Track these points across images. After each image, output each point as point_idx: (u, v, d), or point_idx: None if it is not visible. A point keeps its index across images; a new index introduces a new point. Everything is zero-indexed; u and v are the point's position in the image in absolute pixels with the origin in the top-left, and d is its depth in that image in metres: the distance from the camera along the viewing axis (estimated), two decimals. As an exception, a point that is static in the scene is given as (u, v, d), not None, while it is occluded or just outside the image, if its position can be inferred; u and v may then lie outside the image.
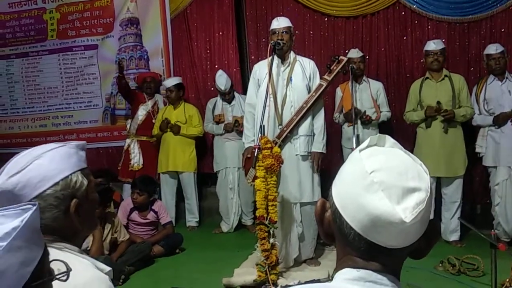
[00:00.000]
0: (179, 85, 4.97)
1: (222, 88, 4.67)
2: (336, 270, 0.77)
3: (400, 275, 0.77)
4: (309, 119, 3.50)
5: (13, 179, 1.04)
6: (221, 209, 4.88)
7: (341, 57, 3.61)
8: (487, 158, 4.05)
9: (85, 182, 1.14)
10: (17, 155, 1.11)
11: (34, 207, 0.80)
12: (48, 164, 1.07)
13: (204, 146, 5.16)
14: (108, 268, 1.12)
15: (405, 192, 0.70)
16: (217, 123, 4.80)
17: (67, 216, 1.10)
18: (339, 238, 0.77)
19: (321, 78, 3.55)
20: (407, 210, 0.69)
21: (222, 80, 4.66)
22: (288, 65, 3.53)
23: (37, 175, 1.06)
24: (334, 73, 3.52)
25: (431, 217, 0.76)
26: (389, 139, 0.79)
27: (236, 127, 4.66)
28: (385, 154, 0.76)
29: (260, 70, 3.58)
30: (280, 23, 3.53)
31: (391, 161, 0.74)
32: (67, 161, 1.11)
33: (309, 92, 3.51)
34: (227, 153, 4.77)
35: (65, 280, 0.88)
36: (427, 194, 0.71)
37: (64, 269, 0.89)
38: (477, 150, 4.12)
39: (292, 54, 3.57)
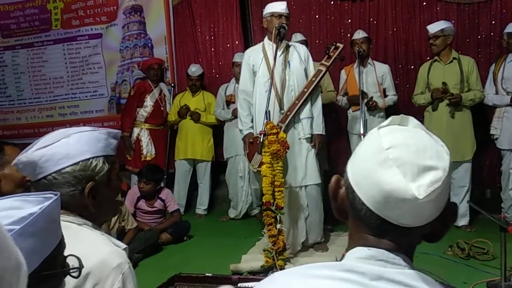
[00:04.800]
0: (202, 73, 4.98)
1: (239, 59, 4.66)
2: (348, 248, 0.76)
3: (413, 259, 0.74)
4: (309, 103, 3.51)
5: (39, 152, 1.11)
6: (231, 196, 4.87)
7: (338, 43, 3.62)
8: (503, 141, 3.95)
9: (106, 167, 1.17)
10: (54, 131, 1.18)
11: (55, 197, 0.80)
12: (73, 144, 1.13)
13: (217, 134, 5.13)
14: (124, 245, 1.17)
15: (421, 170, 0.68)
16: (228, 104, 4.76)
17: (83, 197, 1.15)
18: (352, 214, 0.76)
19: (320, 63, 3.55)
20: (421, 187, 0.67)
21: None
22: (284, 50, 3.51)
23: (61, 152, 1.12)
24: (332, 59, 3.54)
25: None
26: (412, 120, 0.76)
27: None
28: (404, 132, 0.73)
29: (253, 56, 3.56)
30: (284, 7, 3.49)
31: (409, 138, 0.72)
32: (93, 145, 1.15)
33: (306, 75, 3.52)
34: (237, 141, 4.73)
35: (77, 277, 0.90)
36: (445, 174, 0.69)
37: (77, 265, 0.89)
38: (492, 132, 4.01)
39: (285, 39, 3.55)
